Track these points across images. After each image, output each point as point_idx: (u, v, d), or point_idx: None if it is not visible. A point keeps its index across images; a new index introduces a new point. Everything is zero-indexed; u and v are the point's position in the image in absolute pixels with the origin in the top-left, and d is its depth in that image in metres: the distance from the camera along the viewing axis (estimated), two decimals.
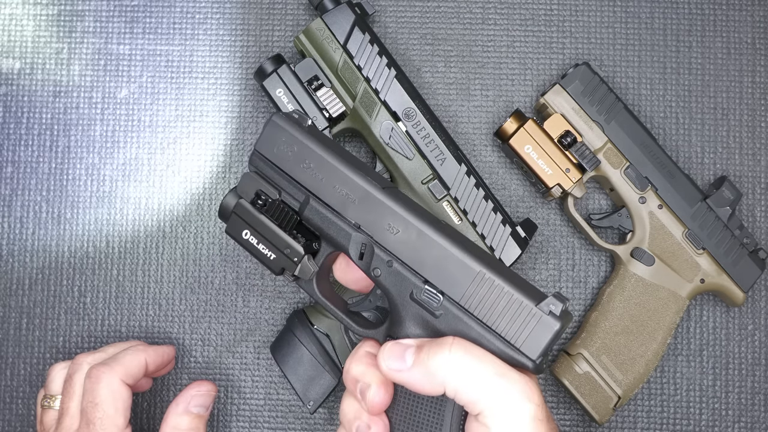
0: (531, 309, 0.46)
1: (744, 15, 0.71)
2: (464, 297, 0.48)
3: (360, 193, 0.50)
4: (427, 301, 0.48)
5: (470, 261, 0.48)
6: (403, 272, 0.49)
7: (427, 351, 0.46)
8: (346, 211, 0.50)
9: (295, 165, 0.51)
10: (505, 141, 0.66)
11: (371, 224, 0.50)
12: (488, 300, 0.47)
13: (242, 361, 0.68)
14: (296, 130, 0.51)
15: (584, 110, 0.65)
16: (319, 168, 0.51)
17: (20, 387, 0.68)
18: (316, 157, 0.51)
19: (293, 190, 0.52)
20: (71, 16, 0.71)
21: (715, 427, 0.68)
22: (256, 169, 0.53)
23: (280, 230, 0.52)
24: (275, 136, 0.52)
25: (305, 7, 0.70)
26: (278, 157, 0.52)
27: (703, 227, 0.65)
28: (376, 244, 0.50)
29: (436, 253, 0.48)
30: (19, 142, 0.70)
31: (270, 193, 0.52)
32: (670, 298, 0.65)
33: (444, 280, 0.48)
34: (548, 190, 0.65)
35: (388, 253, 0.49)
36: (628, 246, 0.66)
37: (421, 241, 0.49)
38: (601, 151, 0.65)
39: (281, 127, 0.51)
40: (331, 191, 0.51)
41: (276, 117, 0.52)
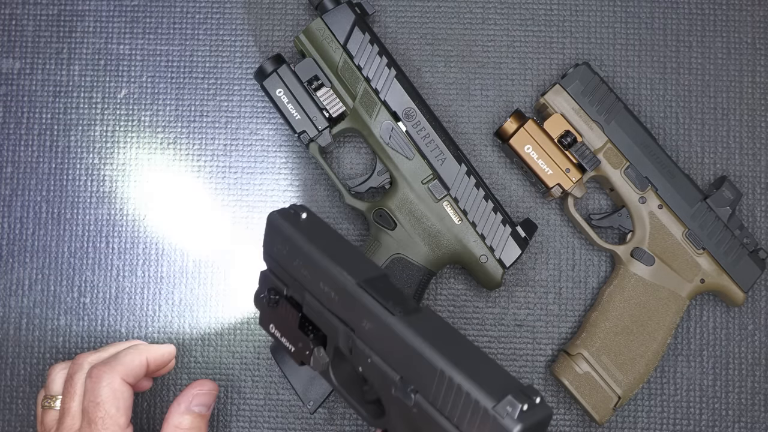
0: (488, 411, 0.43)
1: (744, 15, 0.71)
2: (433, 395, 0.45)
3: (337, 289, 0.50)
4: (402, 398, 0.47)
5: (432, 356, 0.45)
6: (382, 368, 0.48)
7: None
8: (332, 307, 0.50)
9: (289, 263, 0.52)
10: (505, 141, 0.66)
11: (350, 319, 0.49)
12: (451, 399, 0.44)
13: (242, 361, 0.68)
14: (286, 228, 0.52)
15: (584, 110, 0.65)
16: (305, 265, 0.51)
17: (20, 387, 0.68)
18: (302, 255, 0.51)
19: (294, 285, 0.53)
20: (71, 16, 0.71)
21: (715, 427, 0.68)
22: (269, 267, 0.54)
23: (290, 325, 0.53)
24: (273, 236, 0.53)
25: (305, 7, 0.70)
26: (277, 255, 0.53)
27: (703, 227, 0.65)
28: (357, 339, 0.49)
29: (403, 350, 0.47)
30: (19, 142, 0.70)
31: (279, 290, 0.54)
32: (670, 298, 0.65)
33: (414, 377, 0.46)
34: (548, 190, 0.65)
35: (367, 349, 0.49)
36: (628, 246, 0.66)
37: (389, 337, 0.47)
38: (601, 151, 0.65)
39: (275, 226, 0.53)
40: (318, 288, 0.51)
41: (271, 215, 0.53)
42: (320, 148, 0.65)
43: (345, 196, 0.65)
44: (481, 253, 0.64)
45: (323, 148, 0.65)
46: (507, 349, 0.68)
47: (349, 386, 0.52)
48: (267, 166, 0.69)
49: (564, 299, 0.69)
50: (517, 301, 0.69)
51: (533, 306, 0.69)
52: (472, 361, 0.46)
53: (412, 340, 0.46)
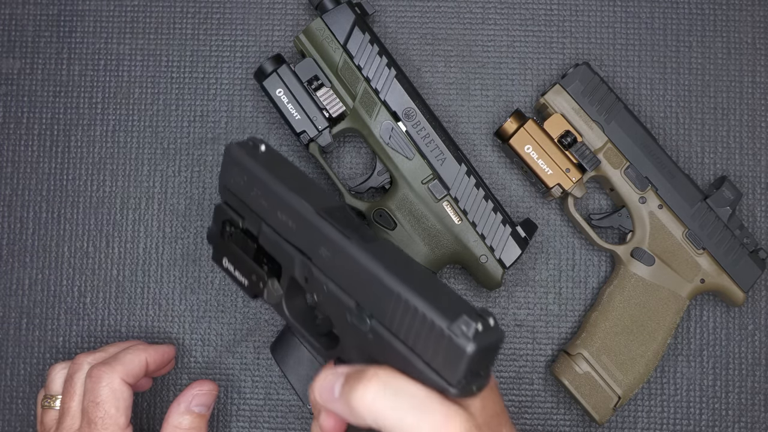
0: (443, 331, 0.42)
1: (744, 15, 0.71)
2: (389, 319, 0.45)
3: (295, 217, 0.50)
4: (357, 325, 0.46)
5: (389, 280, 0.45)
6: (338, 295, 0.48)
7: (349, 384, 0.45)
8: (289, 237, 0.50)
9: (246, 193, 0.52)
10: (505, 141, 0.66)
11: (307, 248, 0.49)
12: (407, 322, 0.44)
13: (242, 361, 0.68)
14: (245, 159, 0.52)
15: (584, 110, 0.65)
16: (264, 195, 0.51)
17: (20, 387, 0.68)
18: (260, 184, 0.51)
19: (250, 217, 0.53)
20: (71, 16, 0.71)
21: (715, 427, 0.68)
22: (225, 200, 0.54)
23: (246, 257, 0.53)
24: (230, 166, 0.53)
25: (305, 7, 0.70)
26: (235, 187, 0.53)
27: (703, 227, 0.65)
28: (313, 267, 0.49)
29: (360, 275, 0.46)
30: (19, 142, 0.70)
31: (234, 222, 0.54)
32: (670, 298, 0.65)
33: (370, 302, 0.46)
34: (548, 190, 0.65)
35: (323, 276, 0.49)
36: (628, 246, 0.66)
37: (346, 263, 0.47)
38: (601, 151, 0.65)
39: (233, 156, 0.53)
40: (275, 217, 0.51)
41: (229, 146, 0.53)
42: (320, 148, 0.65)
43: (345, 196, 0.65)
44: (481, 253, 0.64)
45: (323, 148, 0.65)
46: (507, 349, 0.68)
47: (302, 319, 0.52)
48: None
49: (564, 299, 0.69)
50: (517, 301, 0.69)
51: (533, 306, 0.69)
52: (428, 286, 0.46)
53: (370, 265, 0.46)
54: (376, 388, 0.44)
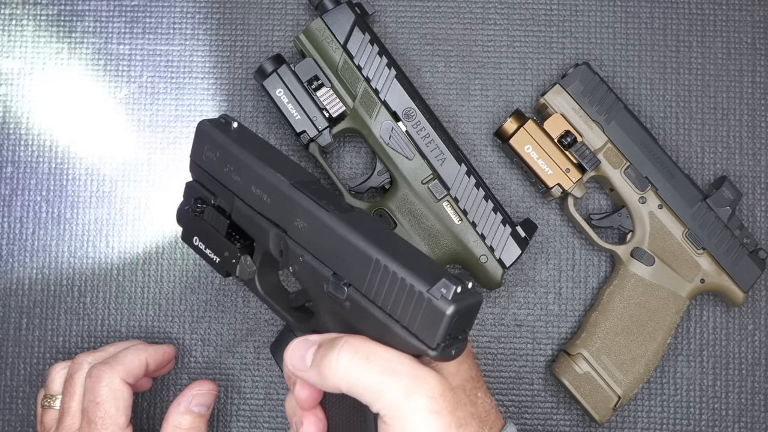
0: (422, 294, 0.44)
1: (744, 15, 0.71)
2: (366, 286, 0.46)
3: (270, 191, 0.51)
4: (334, 294, 0.48)
5: (367, 248, 0.46)
6: (314, 265, 0.49)
7: (321, 352, 0.45)
8: (264, 211, 0.51)
9: (219, 169, 0.53)
10: (505, 141, 0.66)
11: (282, 221, 0.51)
12: (386, 287, 0.45)
13: (242, 361, 0.68)
14: (218, 135, 0.53)
15: (584, 110, 0.65)
16: (237, 171, 0.52)
17: (20, 387, 0.68)
18: (233, 160, 0.52)
19: (223, 193, 0.53)
20: (71, 16, 0.71)
21: (715, 427, 0.68)
22: (196, 177, 0.55)
23: (218, 233, 0.54)
24: (202, 143, 0.54)
25: (305, 7, 0.70)
26: (207, 163, 0.54)
27: (703, 227, 0.65)
28: (289, 239, 0.50)
29: (337, 244, 0.48)
30: (19, 142, 0.70)
31: (206, 200, 0.54)
32: (670, 298, 0.65)
33: (347, 270, 0.47)
34: (548, 190, 0.65)
35: (299, 248, 0.50)
36: (628, 246, 0.66)
37: (323, 233, 0.48)
38: (601, 151, 0.65)
39: (205, 133, 0.53)
40: (249, 192, 0.52)
41: (201, 123, 0.54)
42: (320, 148, 0.65)
43: (345, 196, 0.65)
44: (481, 253, 0.64)
45: (323, 148, 0.65)
46: (507, 349, 0.68)
47: (275, 295, 0.53)
48: None
49: (564, 299, 0.69)
50: (517, 301, 0.69)
51: (533, 306, 0.69)
52: (405, 253, 0.47)
53: (347, 233, 0.47)
54: (348, 354, 0.45)
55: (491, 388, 0.68)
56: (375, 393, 0.44)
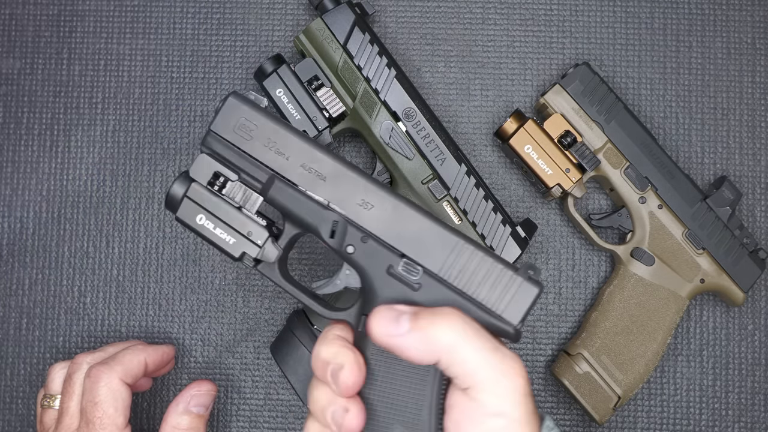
0: (510, 276, 0.47)
1: (744, 15, 0.71)
2: (443, 268, 0.48)
3: (330, 171, 0.49)
4: (405, 275, 0.48)
5: (448, 231, 0.48)
6: (379, 247, 0.49)
7: (426, 318, 0.46)
8: (315, 190, 0.49)
9: (257, 144, 0.50)
10: (505, 141, 0.66)
11: (343, 201, 0.49)
12: (467, 269, 0.48)
13: (242, 361, 0.68)
14: (256, 109, 0.50)
15: (584, 110, 0.65)
16: (284, 146, 0.50)
17: (20, 387, 0.68)
18: (281, 136, 0.50)
19: (255, 170, 0.50)
20: (71, 16, 0.71)
21: (715, 427, 0.68)
22: (210, 151, 0.51)
23: (241, 213, 0.50)
24: (234, 116, 0.50)
25: (305, 7, 0.70)
26: (238, 137, 0.50)
27: (703, 227, 0.65)
28: (349, 221, 0.49)
29: (413, 226, 0.48)
30: (19, 142, 0.70)
31: (228, 175, 0.50)
32: (670, 298, 0.65)
33: (422, 252, 0.48)
34: (548, 190, 0.65)
35: (362, 230, 0.49)
36: (628, 246, 0.66)
37: (397, 214, 0.49)
38: (601, 151, 0.65)
39: (241, 106, 0.50)
40: (299, 170, 0.50)
41: (234, 96, 0.50)
42: None
43: None
44: None
45: None
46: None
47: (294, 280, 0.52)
48: None
49: (564, 299, 0.69)
50: None
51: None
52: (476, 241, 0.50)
53: (426, 216, 0.49)
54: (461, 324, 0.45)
55: None
56: (474, 367, 0.44)
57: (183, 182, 0.51)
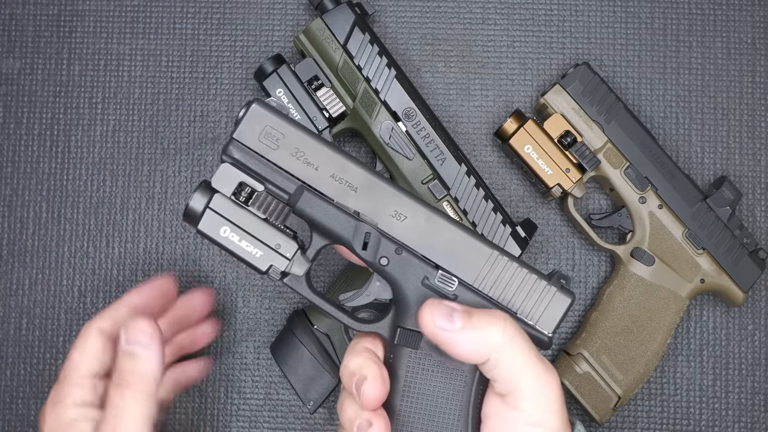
0: (544, 286, 0.49)
1: (744, 15, 0.71)
2: (478, 279, 0.49)
3: (361, 181, 0.49)
4: (441, 286, 0.48)
5: (481, 243, 0.49)
6: (413, 259, 0.49)
7: (481, 318, 0.46)
8: (346, 201, 0.48)
9: (284, 154, 0.48)
10: (505, 141, 0.66)
11: (375, 212, 0.49)
12: (502, 280, 0.49)
13: (242, 361, 0.68)
14: (283, 117, 0.49)
15: (584, 110, 0.65)
16: (313, 156, 0.48)
17: (20, 387, 0.68)
18: (310, 145, 0.48)
19: (282, 181, 0.48)
20: (71, 16, 0.71)
21: (715, 427, 0.68)
22: (232, 160, 0.48)
23: (269, 225, 0.48)
24: (259, 124, 0.48)
25: (305, 7, 0.70)
26: (264, 146, 0.48)
27: (703, 227, 0.65)
28: (381, 233, 0.49)
29: (447, 237, 0.49)
30: (19, 142, 0.70)
31: (254, 186, 0.48)
32: (670, 298, 0.65)
33: (457, 263, 0.49)
34: (548, 190, 0.65)
35: (396, 241, 0.49)
36: (628, 246, 0.66)
37: (430, 225, 0.49)
38: (601, 151, 0.65)
39: (266, 113, 0.48)
40: (329, 180, 0.48)
41: (258, 104, 0.48)
42: None
43: None
44: None
45: None
46: None
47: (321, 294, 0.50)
48: None
49: None
50: None
51: None
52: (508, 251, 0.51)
53: (460, 228, 0.49)
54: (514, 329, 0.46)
55: None
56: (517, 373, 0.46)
57: (204, 193, 0.49)
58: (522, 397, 0.45)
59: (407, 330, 0.48)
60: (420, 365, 0.48)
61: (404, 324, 0.49)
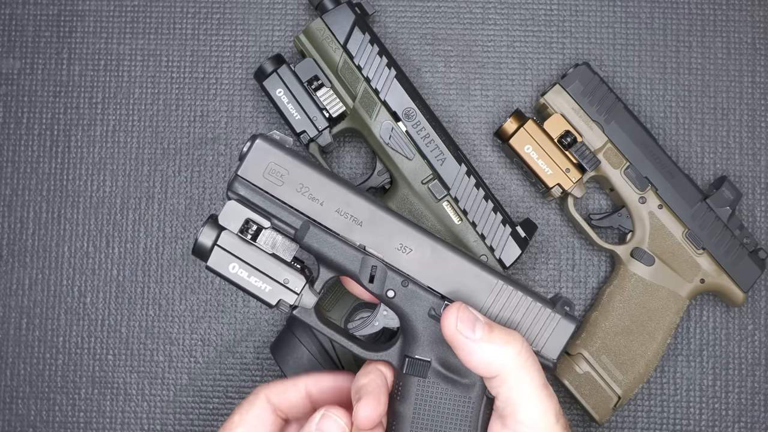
0: (549, 313, 0.50)
1: (744, 15, 0.71)
2: (483, 308, 0.50)
3: (366, 215, 0.49)
4: None
5: (486, 273, 0.50)
6: (419, 291, 0.50)
7: (500, 334, 0.47)
8: (351, 235, 0.49)
9: (289, 190, 0.49)
10: (505, 141, 0.66)
11: (381, 245, 0.50)
12: (507, 308, 0.50)
13: (242, 361, 0.68)
14: (286, 153, 0.49)
15: (584, 110, 0.65)
16: (318, 191, 0.49)
17: (20, 387, 0.68)
18: (314, 180, 0.49)
19: (288, 216, 0.49)
20: (71, 16, 0.71)
21: (715, 427, 0.68)
22: (238, 197, 0.49)
23: (276, 260, 0.50)
24: (264, 160, 0.49)
25: (305, 7, 0.70)
26: (269, 183, 0.49)
27: (703, 227, 0.65)
28: (388, 266, 0.50)
29: (452, 268, 0.50)
30: (19, 142, 0.70)
31: (261, 222, 0.49)
32: (670, 298, 0.65)
33: (462, 294, 0.50)
34: (548, 190, 0.65)
35: (402, 274, 0.50)
36: (628, 246, 0.66)
37: (435, 257, 0.50)
38: (601, 151, 0.65)
39: (271, 149, 0.49)
40: (334, 215, 0.49)
41: (261, 140, 0.49)
42: (320, 148, 0.65)
43: None
44: (481, 253, 0.64)
45: (323, 148, 0.65)
46: None
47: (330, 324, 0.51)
48: None
49: None
50: None
51: None
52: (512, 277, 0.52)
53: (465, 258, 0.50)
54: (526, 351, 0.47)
55: None
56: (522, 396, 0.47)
57: (212, 229, 0.49)
58: (522, 421, 0.46)
59: (415, 359, 0.49)
60: (428, 393, 0.49)
61: (412, 354, 0.50)
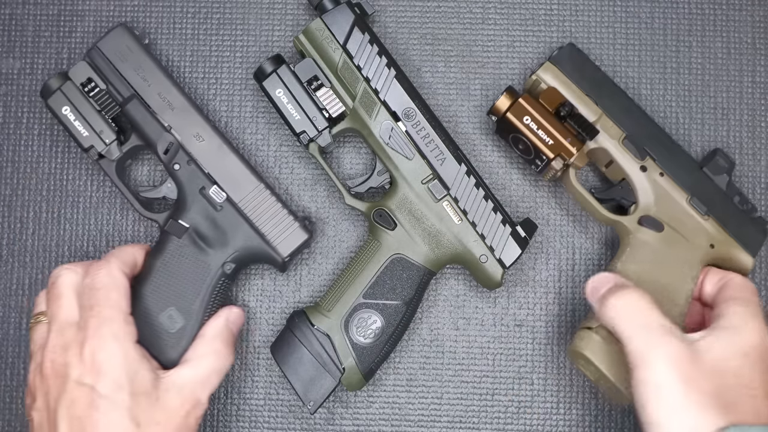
0: (291, 220, 0.64)
1: (744, 15, 0.71)
2: (243, 201, 0.64)
3: (179, 104, 0.64)
4: (212, 197, 0.63)
5: (254, 177, 0.64)
6: (198, 171, 0.64)
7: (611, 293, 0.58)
8: (164, 115, 0.64)
9: (129, 68, 0.64)
10: (501, 116, 0.64)
11: (181, 129, 0.64)
12: (259, 207, 0.64)
13: (242, 361, 0.68)
14: (137, 42, 0.64)
15: (576, 85, 0.64)
16: (149, 76, 0.64)
17: (20, 387, 0.68)
18: (149, 67, 0.64)
19: (121, 87, 0.64)
20: (71, 16, 0.71)
21: None
22: (90, 61, 0.64)
23: (99, 115, 0.64)
24: (119, 42, 0.64)
25: (305, 7, 0.70)
26: (117, 59, 0.64)
27: (704, 194, 0.64)
28: (181, 146, 0.64)
29: (229, 163, 0.64)
30: (19, 142, 0.70)
31: (98, 83, 0.64)
32: (684, 263, 0.63)
33: (230, 184, 0.63)
34: (549, 162, 0.63)
35: (189, 155, 0.64)
36: (635, 215, 0.64)
37: (220, 152, 0.64)
38: (597, 124, 0.64)
39: (127, 36, 0.64)
40: (156, 96, 0.64)
41: (123, 28, 0.64)
42: (320, 148, 0.65)
43: (345, 196, 0.65)
44: (481, 253, 0.64)
45: (323, 148, 0.65)
46: (507, 349, 0.68)
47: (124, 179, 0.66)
48: (267, 166, 0.69)
49: (564, 299, 0.69)
50: (517, 301, 0.69)
51: (533, 306, 0.69)
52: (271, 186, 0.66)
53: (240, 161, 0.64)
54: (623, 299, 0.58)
55: (491, 388, 0.68)
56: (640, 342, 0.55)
57: (60, 78, 0.64)
58: None
59: (178, 223, 0.63)
60: (178, 252, 0.63)
61: (177, 218, 0.63)
